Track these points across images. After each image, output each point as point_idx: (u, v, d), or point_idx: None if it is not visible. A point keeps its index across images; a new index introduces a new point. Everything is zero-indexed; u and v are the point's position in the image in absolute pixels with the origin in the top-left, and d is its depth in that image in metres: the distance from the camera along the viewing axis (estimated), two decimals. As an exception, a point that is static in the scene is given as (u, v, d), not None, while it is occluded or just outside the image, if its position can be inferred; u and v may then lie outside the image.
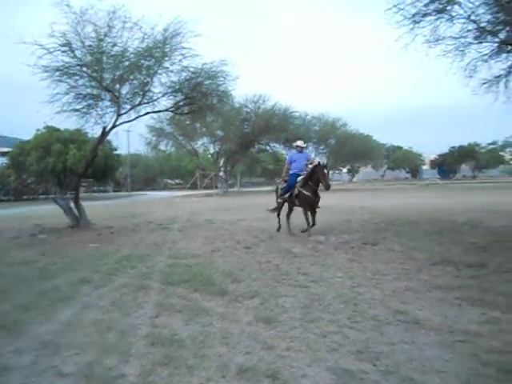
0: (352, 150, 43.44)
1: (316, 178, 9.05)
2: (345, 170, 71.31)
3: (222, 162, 42.48)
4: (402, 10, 8.64)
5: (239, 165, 48.60)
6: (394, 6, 8.61)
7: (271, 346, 3.43)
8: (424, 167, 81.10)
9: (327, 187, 8.98)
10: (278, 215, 10.51)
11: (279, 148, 44.96)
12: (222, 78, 13.63)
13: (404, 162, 75.96)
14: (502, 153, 70.28)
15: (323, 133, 43.17)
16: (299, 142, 10.39)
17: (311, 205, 9.33)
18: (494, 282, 5.02)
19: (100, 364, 3.21)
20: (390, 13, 8.65)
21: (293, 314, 4.15)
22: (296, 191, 9.48)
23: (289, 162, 10.13)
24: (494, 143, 71.04)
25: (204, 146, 42.86)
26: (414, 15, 8.62)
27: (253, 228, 11.03)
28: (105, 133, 12.36)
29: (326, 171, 9.04)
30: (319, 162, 9.16)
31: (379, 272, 5.79)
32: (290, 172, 9.86)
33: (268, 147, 44.60)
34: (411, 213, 13.16)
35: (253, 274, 5.91)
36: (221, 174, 43.26)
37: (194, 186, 56.31)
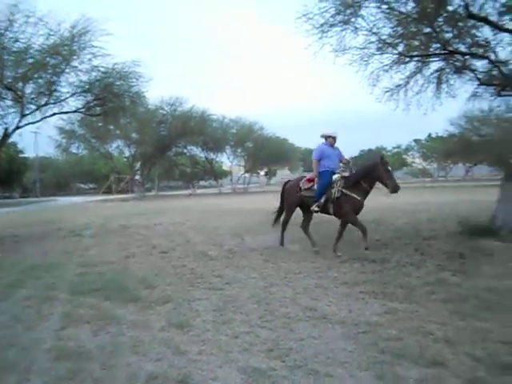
0: (269, 153, 44.23)
1: (375, 177, 7.18)
2: (262, 173, 72.66)
3: (138, 165, 41.24)
4: (311, 19, 8.99)
5: (156, 168, 47.48)
6: (304, 15, 8.93)
7: (183, 350, 3.40)
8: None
9: (395, 189, 7.02)
10: (284, 227, 8.31)
11: (197, 151, 44.75)
12: (134, 79, 13.28)
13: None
14: (405, 156, 76.04)
15: (240, 136, 43.57)
16: (331, 132, 7.91)
17: (357, 213, 7.33)
18: (394, 276, 5.43)
19: (-5, 384, 2.97)
20: (299, 21, 8.97)
21: (206, 317, 4.15)
22: (337, 194, 7.25)
23: (318, 157, 7.71)
24: (398, 147, 76.67)
25: (119, 148, 41.28)
26: (322, 25, 9.00)
27: (169, 232, 10.84)
28: (7, 134, 11.44)
29: (390, 168, 7.31)
30: (382, 157, 7.42)
31: (292, 271, 5.98)
32: (321, 170, 7.64)
33: (185, 150, 44.15)
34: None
35: (167, 278, 5.82)
36: (137, 177, 41.96)
37: (108, 191, 53.97)
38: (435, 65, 10.40)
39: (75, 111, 13.47)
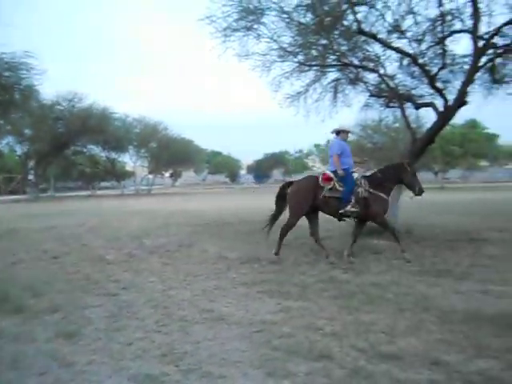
0: (174, 154, 43.53)
1: (401, 179, 7.00)
2: (167, 175, 71.32)
3: (31, 164, 38.08)
4: (214, 22, 9.02)
5: (52, 168, 44.23)
6: (207, 17, 8.93)
7: (70, 362, 3.20)
8: (242, 172, 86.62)
9: (420, 192, 6.82)
10: (285, 234, 7.18)
11: (97, 150, 42.53)
12: (25, 71, 12.25)
13: (224, 166, 79.82)
14: (306, 160, 79.78)
15: (144, 136, 42.31)
16: (347, 126, 7.68)
17: (384, 213, 7.00)
18: (290, 275, 5.65)
19: None
20: (202, 23, 8.95)
21: (98, 325, 3.95)
22: (364, 194, 6.76)
23: (339, 152, 7.00)
24: (300, 151, 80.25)
25: (9, 145, 37.76)
26: (225, 29, 9.08)
27: (64, 236, 10.15)
28: None
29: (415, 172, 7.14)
30: (409, 163, 7.16)
31: (191, 273, 5.94)
32: (343, 167, 6.93)
33: (85, 149, 41.74)
34: (227, 215, 13.90)
35: (58, 285, 5.44)
36: (30, 177, 38.74)
37: (-4, 191, 49.12)
38: (332, 75, 11.03)
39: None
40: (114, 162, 43.96)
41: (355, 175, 6.99)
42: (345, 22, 9.16)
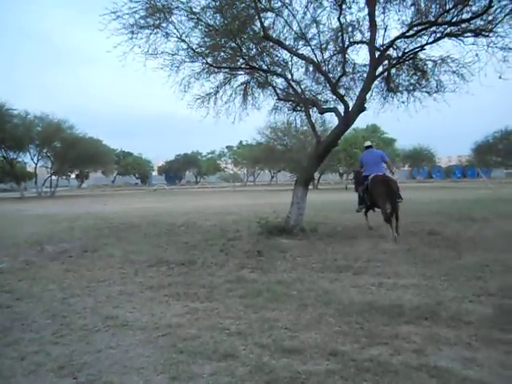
0: (80, 154, 41.06)
1: None
2: (73, 176, 67.39)
3: None
4: (120, 17, 8.68)
5: None
6: (112, 12, 8.57)
7: (-50, 383, 2.90)
8: (153, 173, 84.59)
9: None
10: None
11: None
12: None
13: (134, 167, 77.29)
14: (218, 161, 79.98)
15: (47, 134, 39.49)
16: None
17: None
18: (198, 277, 5.64)
19: None
20: (107, 18, 8.57)
21: (-15, 341, 3.62)
22: None
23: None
24: (212, 152, 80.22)
25: None
26: (132, 25, 8.78)
27: None
28: None
29: None
30: None
31: (96, 279, 5.69)
32: None
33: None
34: (135, 217, 13.48)
35: None
36: None
37: None
38: (242, 78, 11.22)
39: None
40: (12, 163, 40.46)
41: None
42: (253, 27, 9.38)
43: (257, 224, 9.26)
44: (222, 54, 9.89)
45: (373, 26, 8.61)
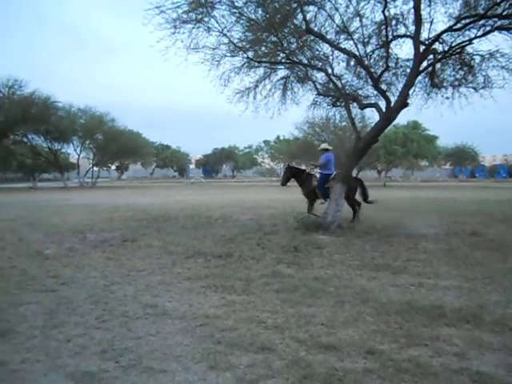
0: (120, 146, 42.22)
1: None
2: (113, 167, 69.31)
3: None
4: (164, 12, 8.81)
5: (-11, 158, 41.66)
6: (156, 7, 8.71)
7: (3, 361, 3.06)
8: (191, 166, 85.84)
9: None
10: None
11: (39, 141, 40.54)
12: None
13: (172, 160, 78.71)
14: (255, 156, 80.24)
15: (89, 127, 40.80)
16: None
17: None
18: (235, 270, 5.69)
19: None
20: (151, 13, 8.72)
21: (34, 322, 3.79)
22: None
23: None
24: (249, 147, 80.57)
25: None
26: (174, 20, 8.90)
27: (-2, 230, 9.63)
28: None
29: None
30: None
31: (135, 268, 5.84)
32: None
33: (26, 139, 39.63)
34: (173, 210, 13.73)
35: (-9, 282, 5.16)
36: (-37, 167, 36.35)
37: None
38: (281, 72, 11.16)
39: None
40: (56, 154, 42.06)
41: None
42: (295, 21, 9.30)
43: (294, 219, 9.23)
44: (263, 48, 9.87)
45: (418, 20, 8.36)
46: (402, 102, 8.78)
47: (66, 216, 12.32)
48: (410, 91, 9.25)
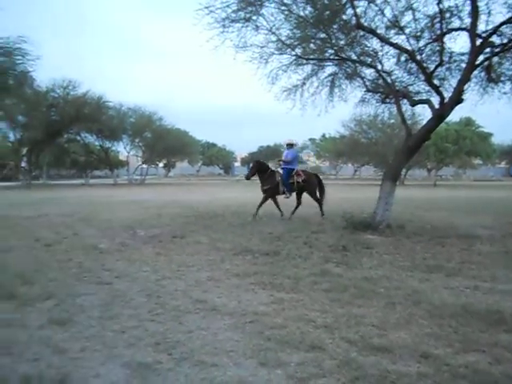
0: (168, 144, 43.32)
1: None
2: (161, 165, 71.09)
3: (24, 151, 37.77)
4: (213, 12, 8.93)
5: (46, 155, 43.94)
6: (206, 7, 8.84)
7: (63, 349, 3.21)
8: (236, 164, 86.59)
9: None
10: None
11: (91, 139, 42.30)
12: (20, 57, 12.11)
13: (218, 158, 79.74)
14: (301, 154, 79.79)
15: (139, 125, 42.11)
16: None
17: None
18: (283, 267, 5.69)
19: None
20: (201, 14, 8.86)
21: (91, 313, 3.96)
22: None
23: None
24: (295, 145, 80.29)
25: (2, 132, 37.42)
26: (223, 19, 9.00)
27: (56, 224, 10.13)
28: None
29: None
30: None
31: (185, 264, 5.96)
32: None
33: (79, 137, 41.49)
34: (219, 207, 13.92)
35: (50, 273, 5.43)
36: (23, 164, 38.48)
37: (-13, 178, 48.73)
38: (329, 69, 11.04)
39: None
40: (107, 151, 43.74)
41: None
42: (344, 17, 9.16)
43: (341, 218, 9.11)
44: (311, 45, 9.80)
45: (475, 11, 8.00)
46: (457, 98, 8.45)
47: (117, 212, 12.77)
48: (465, 86, 8.89)
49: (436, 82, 9.86)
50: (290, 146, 11.63)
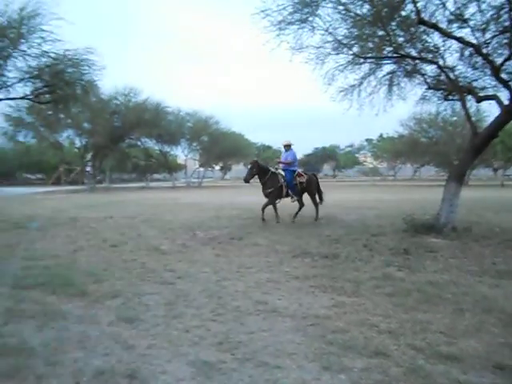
0: (224, 147, 44.05)
1: None
2: (217, 168, 72.40)
3: (89, 156, 39.90)
4: (269, 16, 9.00)
5: (108, 160, 46.17)
6: (262, 11, 8.93)
7: (132, 345, 3.35)
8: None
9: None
10: None
11: (151, 143, 43.91)
12: (87, 67, 12.83)
13: (274, 160, 79.90)
14: (357, 155, 78.29)
15: (196, 129, 43.17)
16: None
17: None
18: (343, 270, 5.60)
19: None
20: (257, 17, 8.96)
21: (156, 312, 4.10)
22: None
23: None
24: (350, 146, 78.84)
25: (69, 138, 39.78)
26: (279, 22, 9.04)
27: (120, 225, 10.60)
28: None
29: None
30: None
31: (244, 265, 6.02)
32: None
33: (139, 142, 43.22)
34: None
35: (117, 273, 5.69)
36: (88, 169, 40.64)
37: (57, 182, 51.97)
38: (387, 67, 10.76)
39: (23, 98, 12.92)
40: (166, 155, 45.21)
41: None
42: (402, 13, 8.89)
43: (402, 220, 8.83)
44: (369, 43, 9.60)
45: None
46: (528, 93, 7.93)
47: (177, 214, 13.14)
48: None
49: (504, 76, 9.31)
50: (288, 147, 11.32)
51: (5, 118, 31.81)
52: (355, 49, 9.64)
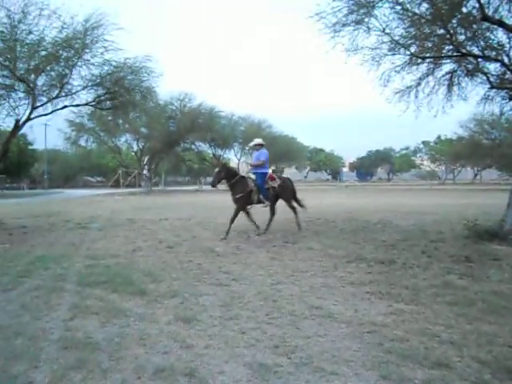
0: (276, 151, 44.20)
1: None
2: (270, 171, 72.77)
3: (146, 159, 41.42)
4: (324, 18, 8.96)
5: (164, 163, 47.73)
6: (316, 14, 8.90)
7: (190, 344, 3.43)
8: (344, 169, 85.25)
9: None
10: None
11: (205, 147, 44.91)
12: (145, 74, 13.35)
13: (326, 164, 79.18)
14: (413, 158, 75.73)
15: (249, 133, 43.58)
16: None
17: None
18: (400, 277, 5.43)
19: (5, 372, 3.02)
20: (312, 21, 8.94)
21: (212, 313, 4.18)
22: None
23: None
24: (406, 148, 76.43)
25: (127, 143, 41.55)
26: (334, 24, 8.97)
27: (176, 227, 10.91)
28: (18, 126, 11.58)
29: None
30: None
31: (298, 269, 6.00)
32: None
33: (193, 146, 44.32)
34: (329, 213, 13.77)
35: (174, 273, 5.85)
36: (145, 172, 42.18)
37: (116, 184, 54.36)
38: (447, 67, 10.40)
39: (86, 104, 13.58)
40: (219, 159, 45.99)
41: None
42: (464, 9, 8.55)
43: (463, 226, 8.45)
44: (428, 43, 9.30)
45: None
46: None
47: (229, 216, 13.27)
48: None
49: None
50: (260, 146, 10.55)
51: (68, 123, 33.84)
52: (413, 49, 9.38)
